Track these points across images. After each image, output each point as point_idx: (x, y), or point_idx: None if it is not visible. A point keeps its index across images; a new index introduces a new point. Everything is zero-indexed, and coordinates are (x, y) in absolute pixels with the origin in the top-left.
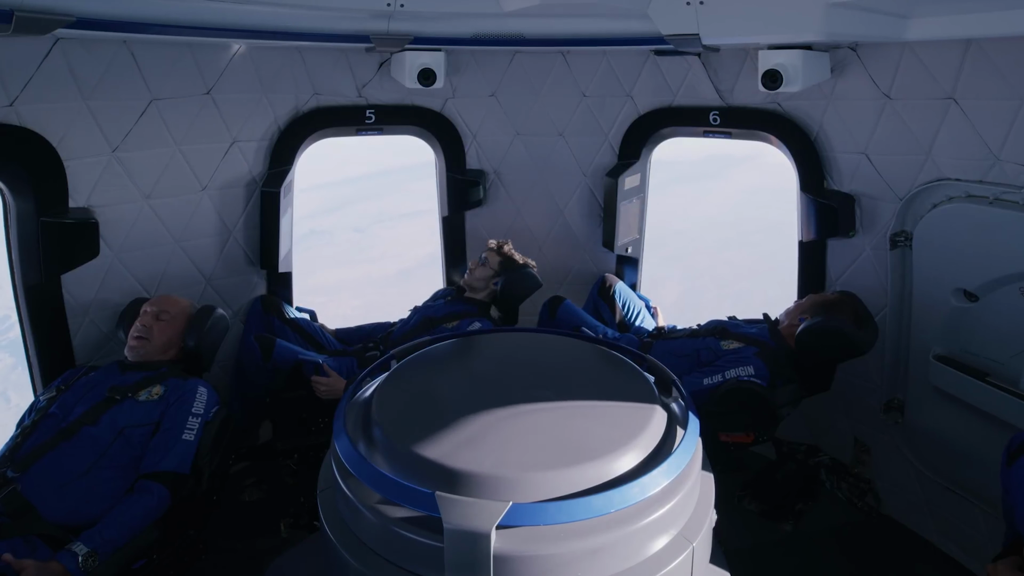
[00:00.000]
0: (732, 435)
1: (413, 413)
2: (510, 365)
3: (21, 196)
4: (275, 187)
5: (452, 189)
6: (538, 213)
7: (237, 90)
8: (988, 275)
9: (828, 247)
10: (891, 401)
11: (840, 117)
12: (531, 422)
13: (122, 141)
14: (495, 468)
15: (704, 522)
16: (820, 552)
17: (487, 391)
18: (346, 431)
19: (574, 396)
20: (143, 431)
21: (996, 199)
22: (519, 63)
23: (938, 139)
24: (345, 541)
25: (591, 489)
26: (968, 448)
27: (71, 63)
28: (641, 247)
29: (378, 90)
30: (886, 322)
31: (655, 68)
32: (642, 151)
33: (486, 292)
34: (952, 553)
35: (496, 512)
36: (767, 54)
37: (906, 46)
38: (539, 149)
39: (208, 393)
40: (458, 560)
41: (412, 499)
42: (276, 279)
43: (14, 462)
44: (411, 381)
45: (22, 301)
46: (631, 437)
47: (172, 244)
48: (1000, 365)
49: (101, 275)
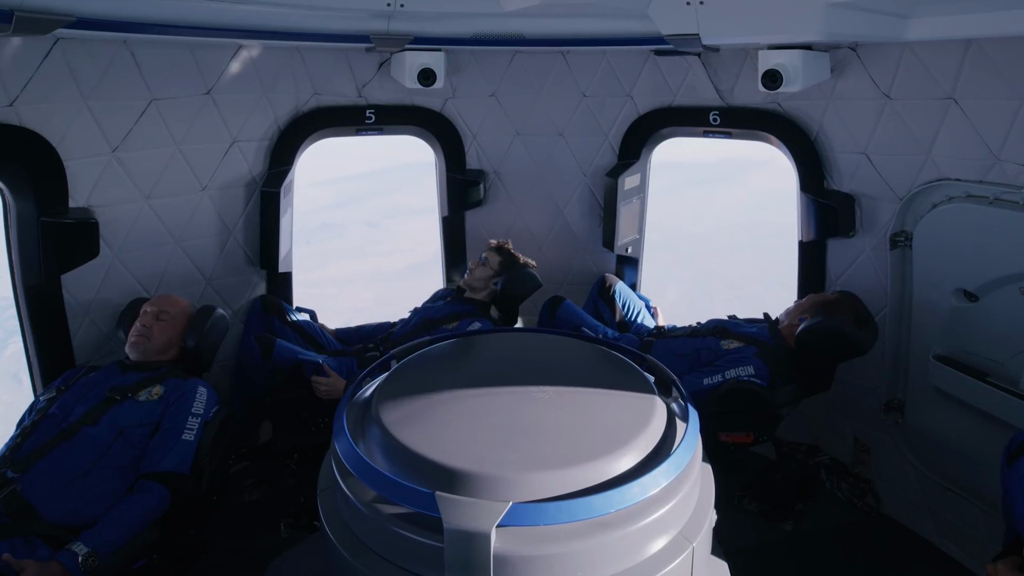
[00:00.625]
0: (732, 435)
1: (413, 413)
2: (510, 365)
3: (21, 196)
4: (275, 187)
5: (452, 189)
6: (538, 213)
7: (237, 90)
8: (988, 275)
9: (828, 247)
10: (891, 401)
11: (840, 117)
12: (531, 422)
13: (122, 141)
14: (495, 468)
15: (704, 522)
16: (820, 552)
17: (487, 391)
18: (346, 431)
19: (574, 396)
20: (143, 431)
21: (996, 199)
22: (519, 63)
23: (938, 139)
24: (345, 541)
25: (591, 489)
26: (968, 448)
27: (71, 63)
28: (641, 247)
29: (378, 90)
30: (886, 322)
31: (655, 68)
32: (642, 151)
33: (486, 292)
34: (952, 553)
35: (496, 512)
36: (767, 54)
37: (906, 46)
38: (539, 149)
39: (208, 393)
40: (458, 560)
41: (412, 499)
42: (276, 279)
43: (14, 462)
44: (411, 381)
45: (22, 301)
46: (631, 437)
47: (172, 244)
48: (1000, 365)
49: (101, 275)
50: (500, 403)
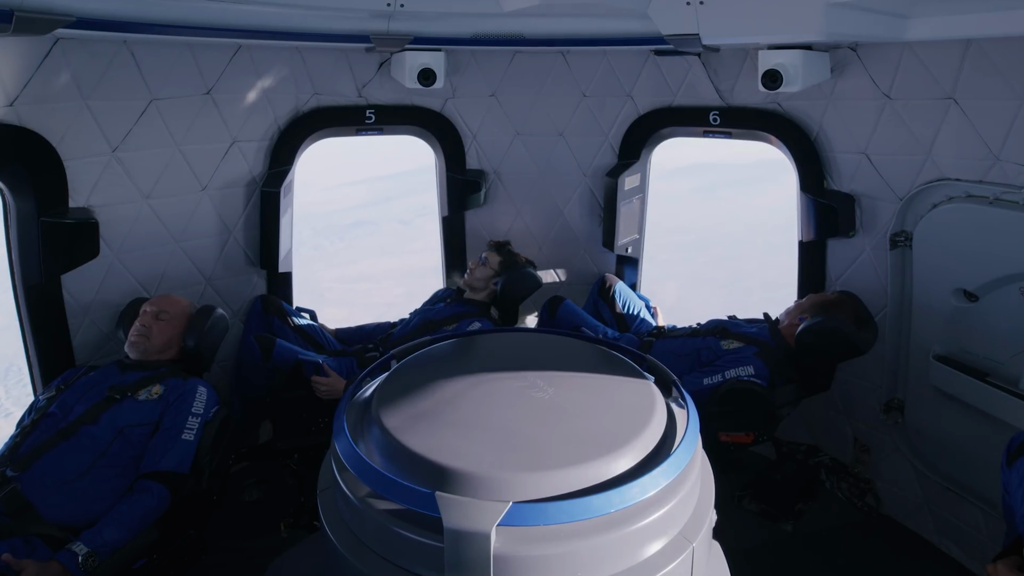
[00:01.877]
0: (732, 435)
1: (413, 413)
2: (510, 365)
3: (21, 196)
4: (275, 187)
5: (452, 189)
6: (538, 213)
7: (237, 90)
8: (988, 275)
9: (828, 247)
10: (891, 401)
11: (840, 117)
12: (531, 422)
13: (122, 141)
14: (495, 468)
15: (704, 522)
16: (820, 552)
17: (487, 391)
18: (346, 431)
19: (574, 396)
20: (143, 430)
21: (996, 199)
22: (519, 63)
23: (938, 139)
24: (345, 541)
25: (591, 489)
26: (968, 448)
27: (71, 63)
28: (641, 247)
29: (378, 90)
30: (886, 322)
31: (655, 68)
32: (642, 151)
33: (486, 292)
34: (952, 553)
35: (496, 512)
36: (767, 54)
37: (906, 46)
38: (539, 149)
39: (208, 393)
40: (458, 560)
41: (412, 499)
42: (276, 279)
43: (14, 461)
44: (411, 381)
45: (22, 301)
46: (631, 437)
47: (172, 244)
48: (1000, 365)
49: (101, 275)
50: (500, 403)
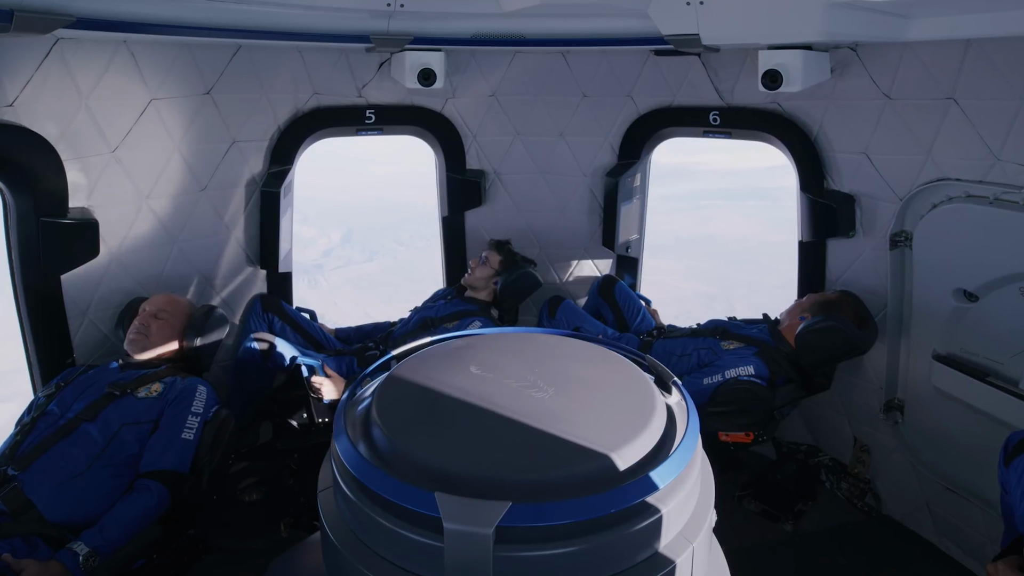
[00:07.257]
0: (732, 435)
1: (413, 413)
2: (510, 365)
3: (21, 196)
4: (275, 187)
5: (452, 189)
6: (538, 213)
7: (237, 90)
8: (988, 275)
9: (828, 247)
10: (891, 401)
11: (840, 117)
12: (531, 422)
13: (122, 141)
14: (495, 468)
15: (704, 522)
16: (820, 552)
17: (487, 391)
18: (346, 431)
19: (574, 396)
20: (142, 428)
21: (996, 199)
22: (519, 63)
23: (938, 139)
24: (345, 541)
25: (591, 489)
26: (968, 448)
27: (71, 63)
28: (641, 247)
29: (378, 90)
30: (886, 322)
31: (655, 68)
32: (642, 151)
33: (486, 291)
34: (952, 553)
35: (496, 512)
36: (767, 54)
37: (906, 46)
38: (539, 149)
39: (208, 392)
40: (458, 560)
41: (412, 499)
42: (276, 279)
43: (14, 460)
44: (411, 381)
45: (22, 301)
46: (630, 437)
47: (171, 244)
48: (1000, 365)
49: (100, 275)
50: (500, 403)
